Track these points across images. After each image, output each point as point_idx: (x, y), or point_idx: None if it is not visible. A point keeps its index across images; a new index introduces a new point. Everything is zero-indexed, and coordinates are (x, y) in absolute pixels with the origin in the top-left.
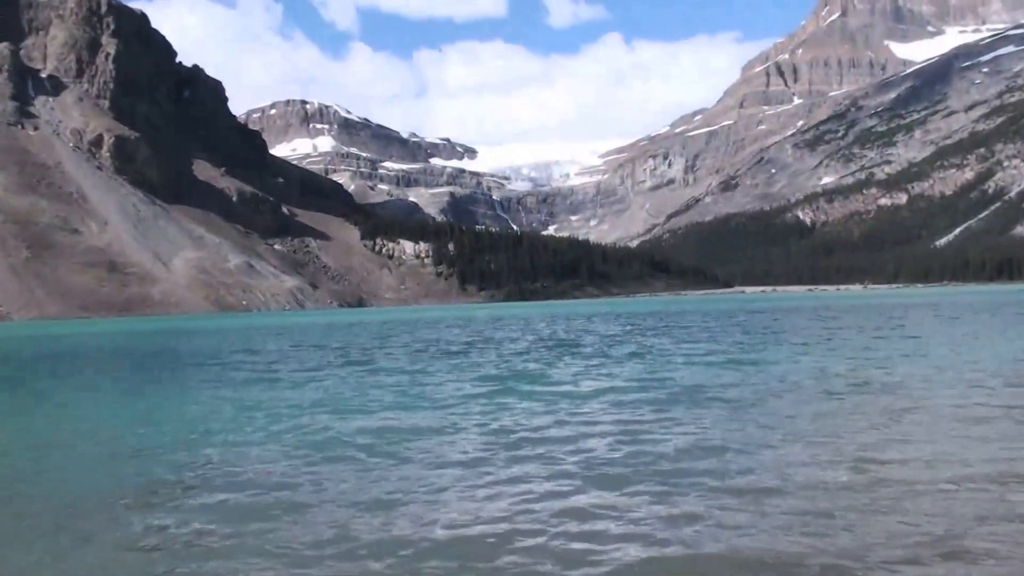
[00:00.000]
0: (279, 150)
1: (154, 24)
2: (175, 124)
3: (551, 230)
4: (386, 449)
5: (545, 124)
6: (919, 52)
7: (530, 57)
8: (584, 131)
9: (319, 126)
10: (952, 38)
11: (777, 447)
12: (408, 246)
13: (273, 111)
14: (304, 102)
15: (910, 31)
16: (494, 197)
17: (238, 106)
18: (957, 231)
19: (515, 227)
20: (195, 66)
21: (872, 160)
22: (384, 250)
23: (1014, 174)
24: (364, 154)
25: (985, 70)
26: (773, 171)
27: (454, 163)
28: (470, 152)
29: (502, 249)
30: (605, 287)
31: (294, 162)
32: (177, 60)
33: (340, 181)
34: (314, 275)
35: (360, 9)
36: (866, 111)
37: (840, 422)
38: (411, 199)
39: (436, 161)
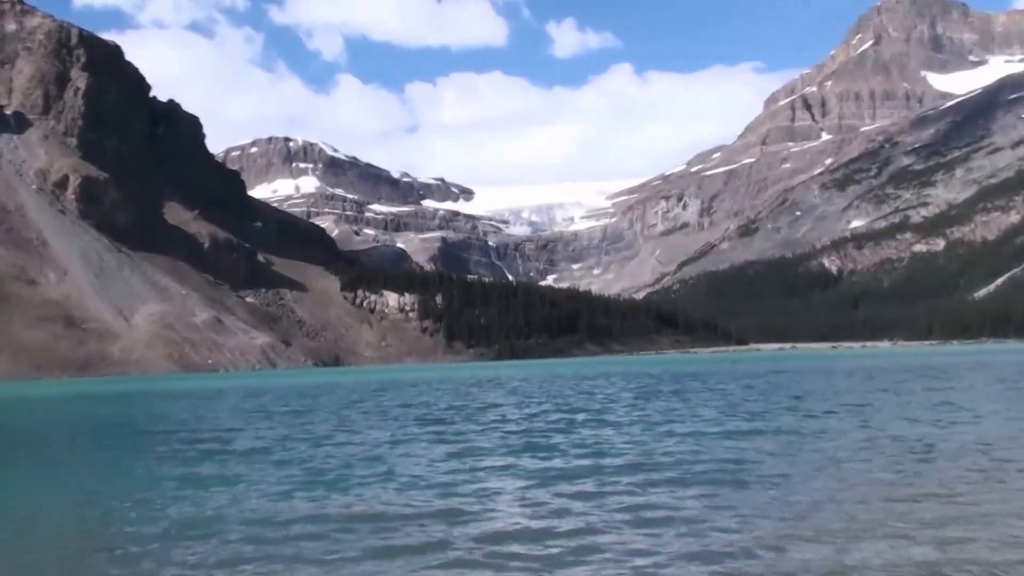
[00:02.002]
0: (259, 191)
1: (127, 56)
2: (147, 163)
3: (550, 280)
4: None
5: (548, 163)
6: (960, 84)
7: (532, 90)
8: (591, 170)
9: (303, 165)
10: (996, 68)
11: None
12: (392, 298)
13: (254, 149)
14: (287, 139)
15: (950, 61)
16: (489, 243)
17: (216, 144)
18: (999, 281)
19: (510, 277)
20: (171, 101)
21: (907, 202)
22: (365, 303)
23: None
24: (350, 196)
25: None
26: (797, 214)
27: (448, 205)
28: (466, 193)
29: (494, 301)
30: (606, 344)
31: (274, 204)
32: (151, 94)
33: (323, 225)
34: (287, 331)
35: (348, 38)
36: (901, 148)
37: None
38: (399, 245)
39: (428, 203)
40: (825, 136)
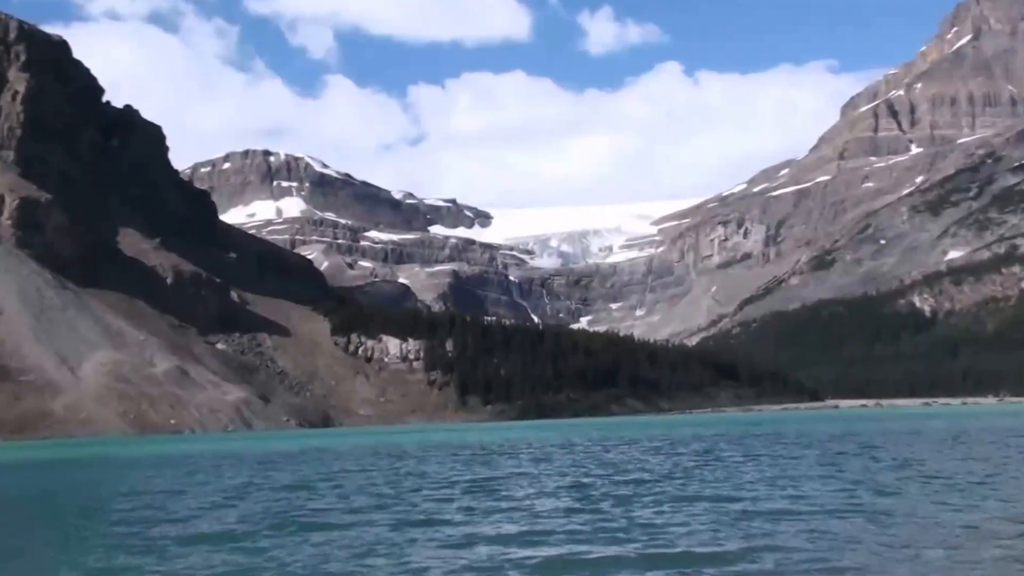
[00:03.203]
0: (233, 215)
1: (76, 54)
2: (99, 182)
3: (584, 322)
4: None
5: (580, 181)
6: None
7: (561, 94)
8: (632, 190)
9: (286, 184)
10: None
11: None
12: (392, 344)
13: (227, 165)
14: (267, 153)
15: None
16: (511, 277)
17: (182, 158)
18: None
19: (536, 318)
20: (127, 107)
21: (1015, 228)
22: (361, 350)
23: None
24: (343, 220)
25: None
26: (882, 243)
27: (460, 232)
28: (482, 218)
29: (517, 348)
30: (652, 400)
31: (251, 231)
32: (104, 99)
33: (310, 256)
34: (267, 384)
35: (339, 33)
36: (1007, 163)
37: None
38: (401, 280)
39: (437, 229)
40: (915, 149)
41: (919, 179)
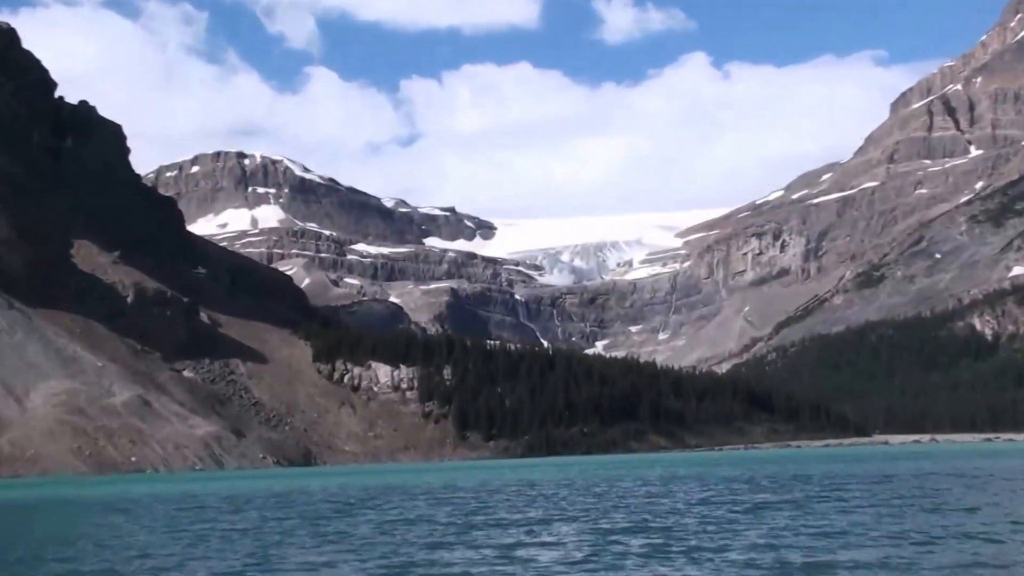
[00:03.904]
0: (202, 226)
1: (25, 44)
2: (51, 187)
3: (600, 347)
4: None
5: (595, 188)
6: None
7: (573, 89)
8: (654, 198)
9: (262, 190)
10: None
11: None
12: (383, 372)
13: (196, 168)
14: (241, 155)
15: None
16: (517, 296)
17: (145, 161)
18: None
19: (545, 342)
20: (83, 103)
21: None
22: (347, 378)
23: None
24: (327, 231)
25: None
26: (937, 257)
27: (459, 245)
28: (484, 229)
29: (523, 376)
30: (677, 435)
31: (223, 243)
32: (57, 95)
33: (289, 272)
34: (240, 416)
35: (322, 20)
36: None
37: None
38: (393, 299)
39: (433, 242)
40: (974, 151)
41: (979, 185)
